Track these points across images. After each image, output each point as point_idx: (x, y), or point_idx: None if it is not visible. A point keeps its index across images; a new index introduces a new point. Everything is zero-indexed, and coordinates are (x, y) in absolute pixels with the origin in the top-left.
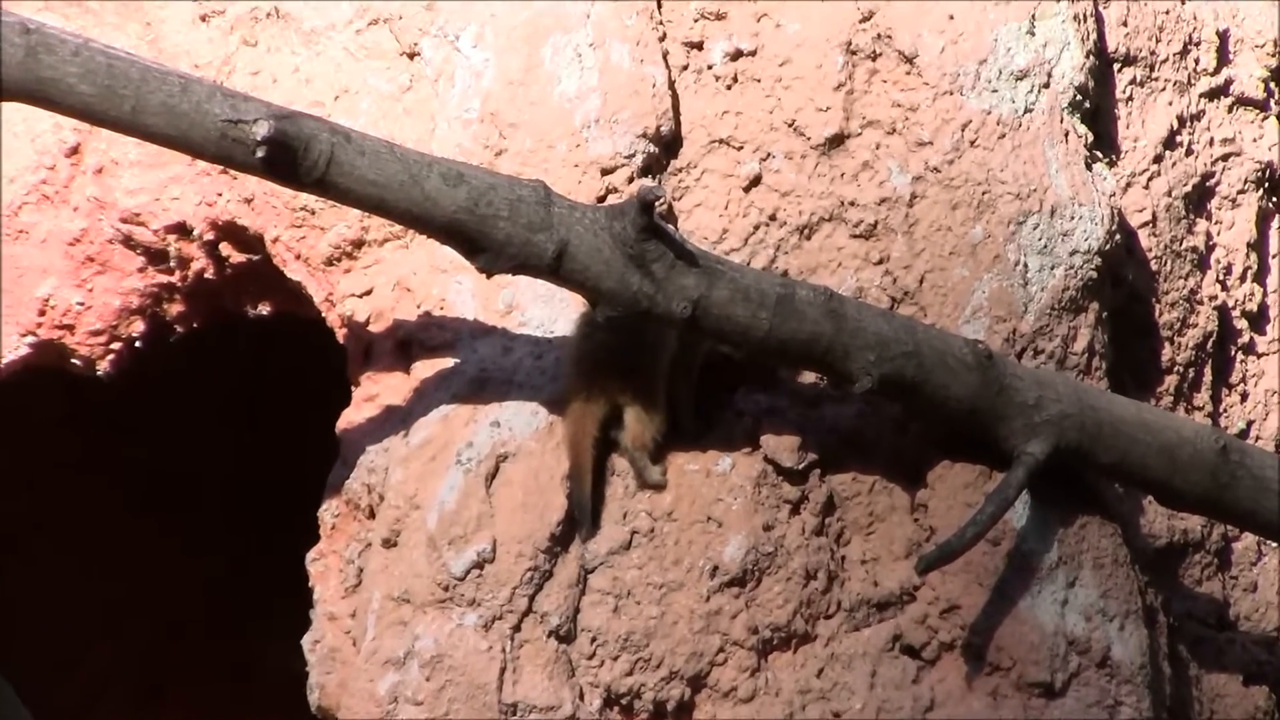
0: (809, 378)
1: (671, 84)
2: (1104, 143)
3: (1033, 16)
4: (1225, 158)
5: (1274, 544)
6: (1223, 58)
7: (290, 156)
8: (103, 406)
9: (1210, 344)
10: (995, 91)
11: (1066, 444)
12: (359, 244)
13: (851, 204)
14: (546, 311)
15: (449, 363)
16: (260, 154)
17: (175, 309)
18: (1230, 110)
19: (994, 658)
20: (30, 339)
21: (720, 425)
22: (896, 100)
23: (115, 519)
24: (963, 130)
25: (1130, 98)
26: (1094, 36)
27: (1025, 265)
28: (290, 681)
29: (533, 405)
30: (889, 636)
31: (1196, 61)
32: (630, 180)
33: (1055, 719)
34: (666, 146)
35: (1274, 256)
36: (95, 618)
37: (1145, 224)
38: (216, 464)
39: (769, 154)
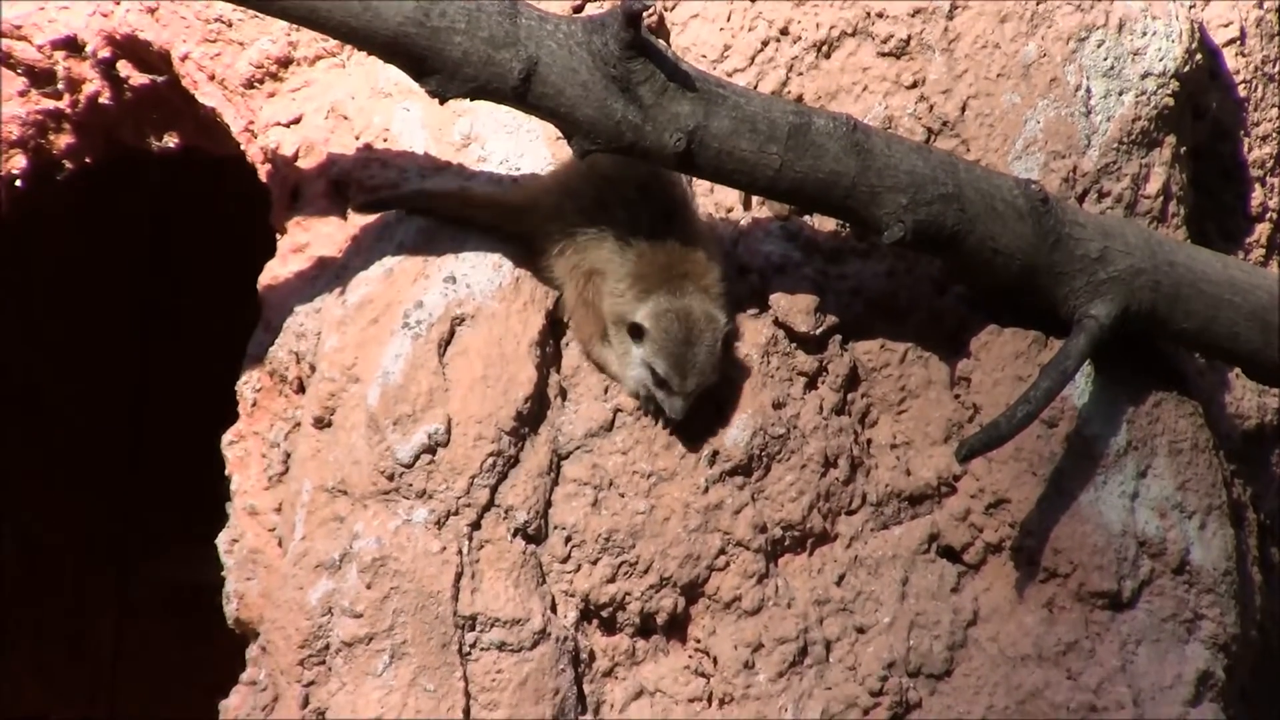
0: (828, 225)
1: None
2: None
3: None
4: None
5: None
6: None
7: None
8: None
9: None
10: None
11: (1137, 306)
12: (285, 62)
13: (879, 15)
14: (511, 145)
15: None
16: None
17: (64, 141)
18: None
19: (1049, 562)
20: None
21: None
22: None
23: None
24: None
25: None
26: None
27: (1088, 90)
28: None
29: (495, 257)
30: (924, 536)
31: None
32: None
33: (1123, 635)
34: None
35: None
36: None
37: (1231, 41)
38: (110, 332)
39: None
